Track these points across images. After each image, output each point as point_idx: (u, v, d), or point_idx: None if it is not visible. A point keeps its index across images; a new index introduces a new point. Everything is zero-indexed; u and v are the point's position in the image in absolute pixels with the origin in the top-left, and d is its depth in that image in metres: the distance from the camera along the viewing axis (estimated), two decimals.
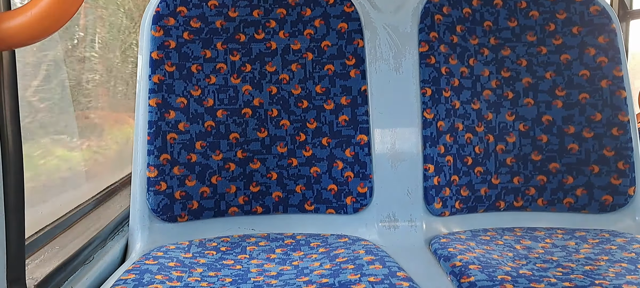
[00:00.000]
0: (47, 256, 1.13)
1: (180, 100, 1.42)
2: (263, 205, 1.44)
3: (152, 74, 1.41)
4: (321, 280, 1.05)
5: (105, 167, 1.95)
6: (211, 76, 1.44)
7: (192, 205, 1.40)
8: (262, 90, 1.46)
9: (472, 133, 1.50)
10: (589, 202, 1.49)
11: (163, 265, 1.14)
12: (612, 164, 1.48)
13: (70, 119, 1.64)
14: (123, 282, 1.03)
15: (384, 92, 1.50)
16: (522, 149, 1.51)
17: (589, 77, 1.51)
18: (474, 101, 1.51)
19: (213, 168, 1.42)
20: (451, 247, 1.26)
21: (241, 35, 1.47)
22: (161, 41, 1.43)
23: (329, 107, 1.47)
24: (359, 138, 1.46)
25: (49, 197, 1.43)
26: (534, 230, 1.44)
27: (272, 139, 1.45)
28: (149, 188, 1.38)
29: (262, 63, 1.47)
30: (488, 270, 1.09)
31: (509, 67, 1.53)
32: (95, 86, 1.89)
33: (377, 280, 1.04)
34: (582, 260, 1.18)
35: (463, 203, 1.48)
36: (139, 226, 1.38)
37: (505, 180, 1.50)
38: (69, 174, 1.64)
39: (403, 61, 1.52)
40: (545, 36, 1.54)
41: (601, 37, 1.52)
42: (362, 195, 1.45)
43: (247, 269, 1.15)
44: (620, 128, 1.49)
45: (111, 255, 1.28)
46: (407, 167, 1.48)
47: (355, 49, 1.49)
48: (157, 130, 1.39)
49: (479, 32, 1.54)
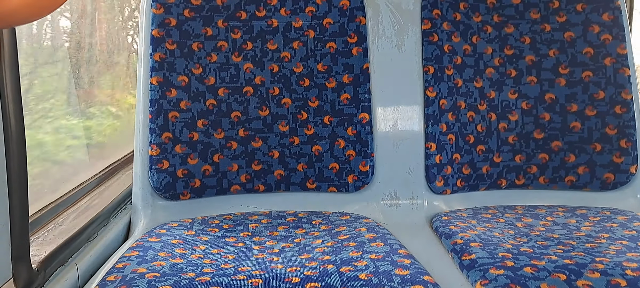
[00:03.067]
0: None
1: (182, 79, 1.41)
2: (265, 184, 1.44)
3: (153, 52, 1.41)
4: (323, 257, 1.06)
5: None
6: (212, 54, 1.44)
7: (195, 183, 1.40)
8: (264, 69, 1.46)
9: (475, 111, 1.49)
10: (590, 180, 1.49)
11: (166, 242, 1.15)
12: (615, 142, 1.48)
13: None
14: (126, 259, 1.04)
15: (386, 70, 1.50)
16: (524, 127, 1.50)
17: (592, 55, 1.50)
18: (476, 79, 1.50)
19: (215, 146, 1.42)
20: (452, 225, 1.27)
21: (242, 12, 1.46)
22: (162, 19, 1.42)
23: (331, 85, 1.46)
24: (361, 116, 1.45)
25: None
26: (535, 208, 1.45)
27: (273, 118, 1.45)
28: (151, 167, 1.38)
29: (264, 41, 1.46)
30: (489, 248, 1.10)
31: (512, 45, 1.52)
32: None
33: (378, 257, 1.04)
34: (583, 238, 1.19)
35: (465, 181, 1.48)
36: (141, 204, 1.39)
37: (507, 158, 1.50)
38: None
39: (405, 39, 1.51)
40: (549, 13, 1.53)
41: (605, 14, 1.51)
42: (363, 173, 1.45)
43: (250, 246, 1.16)
44: (623, 106, 1.48)
45: (114, 233, 1.29)
46: (409, 145, 1.48)
47: (358, 26, 1.48)
48: (159, 109, 1.39)
49: (482, 10, 1.53)
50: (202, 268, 1.01)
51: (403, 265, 1.00)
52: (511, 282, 0.95)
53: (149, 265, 1.01)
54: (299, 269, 0.99)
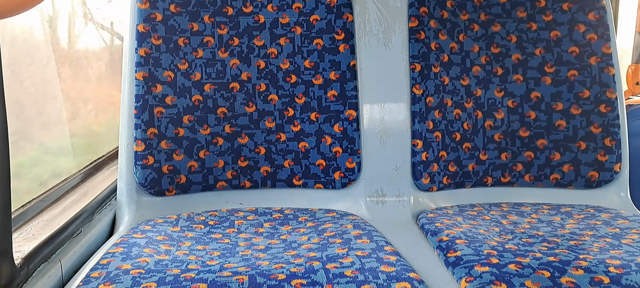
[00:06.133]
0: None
1: (167, 74, 1.40)
2: (251, 180, 1.44)
3: (138, 47, 1.39)
4: (309, 254, 1.06)
5: None
6: (198, 49, 1.43)
7: (180, 179, 1.39)
8: (250, 65, 1.45)
9: (461, 109, 1.50)
10: (575, 178, 1.50)
11: (151, 238, 1.14)
12: (599, 141, 1.49)
13: None
14: (111, 255, 1.03)
15: (373, 67, 1.50)
16: (510, 125, 1.51)
17: (578, 54, 1.51)
18: (463, 77, 1.51)
19: (201, 142, 1.41)
20: (438, 222, 1.27)
21: (229, 8, 1.45)
22: (147, 13, 1.41)
23: (318, 82, 1.46)
24: (348, 113, 1.45)
25: None
26: (520, 205, 1.46)
27: (260, 114, 1.44)
28: (136, 163, 1.37)
29: (250, 37, 1.46)
30: (474, 245, 1.10)
31: (499, 43, 1.53)
32: None
33: (364, 254, 1.04)
34: (567, 235, 1.20)
35: (451, 178, 1.49)
36: (126, 200, 1.38)
37: (493, 156, 1.51)
38: None
39: (392, 36, 1.51)
40: (535, 12, 1.54)
41: (591, 13, 1.52)
42: (350, 170, 1.45)
43: (235, 243, 1.16)
44: (608, 105, 1.49)
45: (99, 229, 1.28)
46: (396, 142, 1.49)
47: (345, 23, 1.48)
48: (144, 104, 1.38)
49: (469, 8, 1.54)
50: (187, 265, 1.00)
51: (389, 262, 1.00)
52: (496, 278, 0.96)
53: (134, 261, 1.00)
54: (284, 266, 0.98)
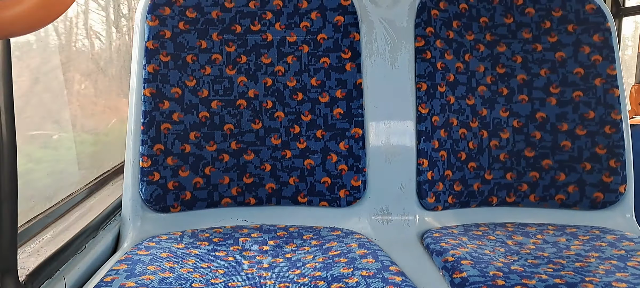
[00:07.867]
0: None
1: (175, 91, 1.41)
2: (256, 197, 1.44)
3: (147, 64, 1.40)
4: (314, 273, 1.06)
5: None
6: (206, 67, 1.44)
7: (185, 195, 1.40)
8: (257, 82, 1.46)
9: (467, 128, 1.50)
10: (580, 199, 1.50)
11: (155, 255, 1.14)
12: (604, 162, 1.49)
13: None
14: (115, 272, 1.03)
15: (379, 86, 1.50)
16: (515, 145, 1.51)
17: (583, 75, 1.52)
18: (468, 97, 1.51)
19: (207, 159, 1.41)
20: (443, 242, 1.27)
21: (237, 26, 1.46)
22: (156, 31, 1.42)
23: (324, 99, 1.47)
24: (354, 131, 1.46)
25: None
26: (525, 226, 1.45)
27: (266, 131, 1.45)
28: (141, 178, 1.37)
29: (258, 54, 1.46)
30: (480, 266, 1.10)
31: (504, 64, 1.53)
32: None
33: (369, 274, 1.04)
34: (573, 257, 1.19)
35: (456, 198, 1.48)
36: (131, 216, 1.38)
37: (498, 175, 1.51)
38: None
39: (399, 55, 1.52)
40: (540, 33, 1.54)
41: (596, 35, 1.53)
42: (355, 188, 1.45)
43: (240, 261, 1.16)
44: (612, 126, 1.50)
45: (103, 245, 1.28)
46: (401, 161, 1.49)
47: (351, 42, 1.49)
48: (151, 120, 1.39)
49: (475, 28, 1.54)
50: (191, 283, 1.00)
51: (394, 283, 1.00)
52: None
53: (138, 279, 1.00)
54: (289, 285, 0.98)
